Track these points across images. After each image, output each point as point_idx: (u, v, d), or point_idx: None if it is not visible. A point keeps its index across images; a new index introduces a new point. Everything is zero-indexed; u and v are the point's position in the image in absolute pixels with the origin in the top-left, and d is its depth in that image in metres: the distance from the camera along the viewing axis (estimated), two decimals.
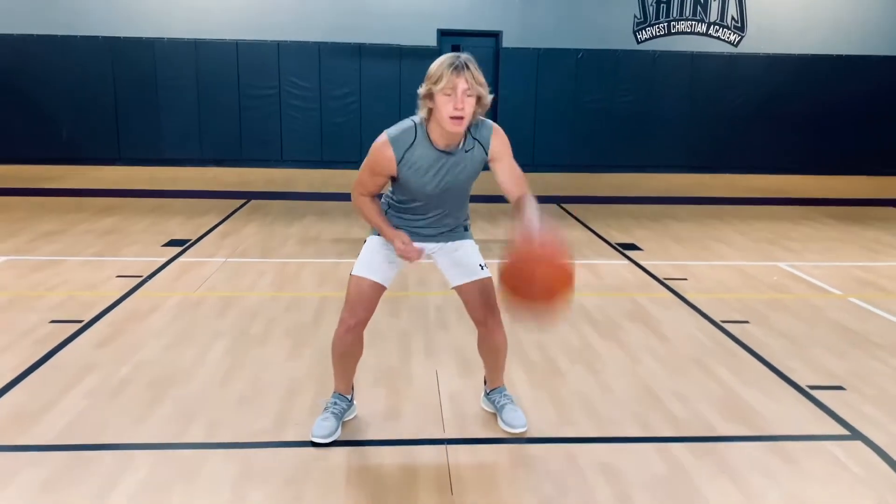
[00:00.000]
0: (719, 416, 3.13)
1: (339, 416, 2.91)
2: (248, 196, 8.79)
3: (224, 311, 4.43)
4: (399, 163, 2.58)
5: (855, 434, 2.98)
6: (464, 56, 2.48)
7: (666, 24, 11.58)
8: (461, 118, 2.46)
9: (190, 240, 6.35)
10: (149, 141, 11.33)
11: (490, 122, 2.69)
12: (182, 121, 11.31)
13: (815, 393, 3.38)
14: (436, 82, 2.45)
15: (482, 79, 2.49)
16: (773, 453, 2.82)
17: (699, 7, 11.56)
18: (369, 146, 2.65)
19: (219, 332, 4.06)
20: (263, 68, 11.26)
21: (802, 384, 3.48)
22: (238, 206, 8.14)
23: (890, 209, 8.85)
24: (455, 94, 2.43)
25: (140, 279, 5.07)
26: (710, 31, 11.64)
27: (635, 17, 11.54)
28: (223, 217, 7.44)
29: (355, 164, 2.87)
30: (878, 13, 11.72)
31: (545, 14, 11.36)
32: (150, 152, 11.33)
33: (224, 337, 3.99)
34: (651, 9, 11.51)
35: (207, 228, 6.86)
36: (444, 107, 2.45)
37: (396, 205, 2.76)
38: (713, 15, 11.58)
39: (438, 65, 2.47)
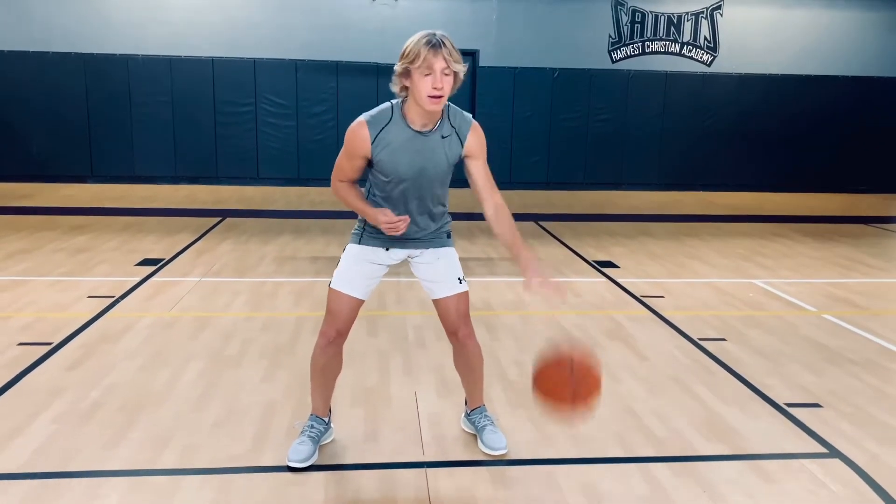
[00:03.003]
0: (699, 435, 3.13)
1: (317, 440, 2.86)
2: (224, 214, 8.70)
3: (198, 332, 4.35)
4: (373, 142, 2.55)
5: (833, 452, 3.00)
6: (439, 33, 2.46)
7: (640, 44, 11.75)
8: (440, 97, 2.45)
9: (163, 259, 6.26)
10: (122, 158, 11.19)
11: (471, 117, 2.69)
12: (156, 138, 11.19)
13: (792, 410, 3.40)
14: (412, 60, 2.42)
15: (458, 55, 2.47)
16: (753, 472, 2.82)
17: (672, 28, 11.76)
18: None
19: (193, 354, 3.98)
20: (239, 85, 11.21)
21: (780, 402, 3.49)
22: (213, 224, 8.04)
23: (860, 226, 9.02)
24: (434, 73, 2.41)
25: (112, 299, 4.97)
26: (683, 52, 11.84)
27: (610, 36, 11.70)
28: (198, 236, 7.34)
29: None
30: (846, 34, 12.02)
31: (521, 33, 11.48)
32: (124, 170, 11.19)
33: (198, 359, 3.91)
34: (626, 29, 11.69)
35: (181, 247, 6.76)
36: (423, 86, 2.43)
37: (378, 202, 2.71)
38: (686, 35, 11.79)
39: (415, 42, 2.44)
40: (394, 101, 2.59)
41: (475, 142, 2.65)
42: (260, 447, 2.94)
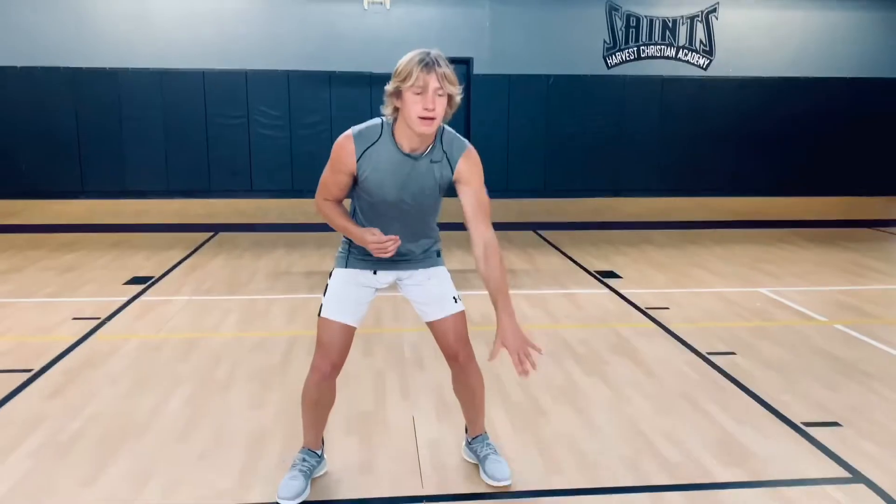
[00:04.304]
0: (714, 459, 2.96)
1: (308, 474, 2.68)
2: (216, 228, 8.53)
3: (187, 355, 4.17)
4: (359, 159, 2.39)
5: (856, 476, 2.82)
6: (434, 52, 2.30)
7: (635, 49, 11.63)
8: (432, 118, 2.28)
9: (153, 277, 6.08)
10: (113, 173, 11.03)
11: (466, 142, 2.50)
12: (147, 152, 11.03)
13: (810, 430, 3.22)
14: (404, 79, 2.27)
15: (454, 77, 2.31)
16: (774, 500, 2.65)
17: (668, 32, 11.64)
18: None
19: (180, 378, 3.80)
20: (231, 97, 11.06)
21: (797, 421, 3.32)
22: (205, 239, 7.87)
23: (864, 230, 8.87)
24: (426, 93, 2.26)
25: (98, 321, 4.79)
26: (679, 56, 11.72)
27: (605, 42, 11.58)
28: (189, 251, 7.17)
29: None
30: (841, 35, 11.90)
31: (515, 40, 11.35)
32: (114, 185, 11.03)
33: (185, 384, 3.73)
34: (620, 34, 11.57)
35: (172, 264, 6.58)
36: (414, 106, 2.27)
37: (361, 223, 2.54)
38: (682, 39, 11.67)
39: (408, 61, 2.29)
40: (384, 119, 2.42)
41: (466, 168, 2.46)
42: (248, 481, 2.76)
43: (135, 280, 5.95)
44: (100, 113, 10.85)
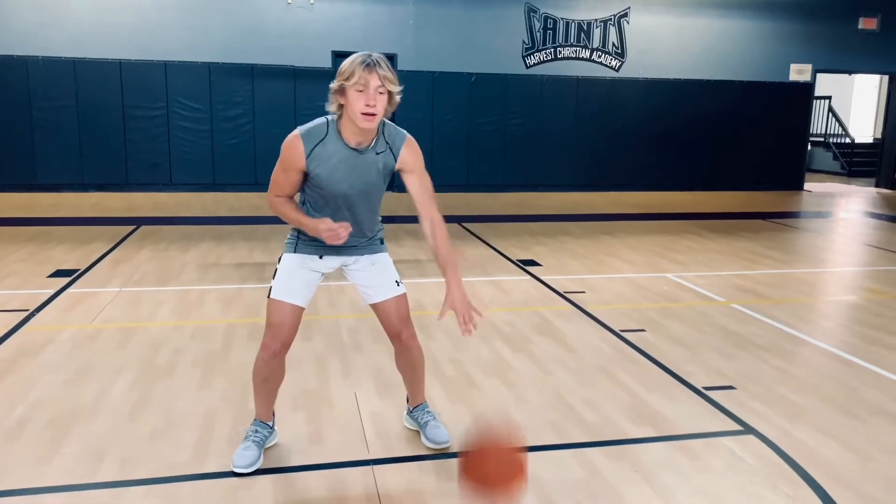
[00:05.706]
0: (628, 420, 3.33)
1: (261, 444, 2.86)
2: (138, 222, 8.41)
3: (124, 343, 4.23)
4: (308, 157, 2.57)
5: (747, 429, 3.26)
6: (376, 55, 2.53)
7: (552, 50, 12.15)
8: (373, 115, 2.50)
9: (78, 269, 6.00)
10: (22, 166, 10.59)
11: (405, 132, 2.74)
12: (60, 144, 10.66)
13: (710, 393, 3.65)
14: (347, 78, 2.47)
15: (393, 76, 2.53)
16: (679, 452, 3.03)
17: (583, 34, 12.22)
18: (264, 167, 2.65)
19: (121, 365, 3.87)
20: (150, 89, 10.84)
21: (698, 386, 3.75)
22: (127, 232, 7.76)
23: (759, 222, 9.66)
24: (367, 90, 2.47)
25: (27, 312, 4.75)
26: (593, 57, 12.32)
27: (524, 42, 12.03)
28: (113, 244, 7.07)
29: (250, 186, 2.86)
30: (741, 43, 12.82)
31: (438, 38, 11.64)
32: (24, 178, 10.60)
33: (127, 370, 3.81)
34: (538, 35, 12.05)
35: (97, 257, 6.50)
36: (356, 103, 2.48)
37: (311, 214, 2.73)
38: (596, 42, 12.27)
39: (350, 62, 2.50)
40: (328, 117, 2.62)
41: (409, 156, 2.71)
42: (202, 455, 2.91)
43: (59, 273, 5.87)
44: (8, 103, 10.40)
